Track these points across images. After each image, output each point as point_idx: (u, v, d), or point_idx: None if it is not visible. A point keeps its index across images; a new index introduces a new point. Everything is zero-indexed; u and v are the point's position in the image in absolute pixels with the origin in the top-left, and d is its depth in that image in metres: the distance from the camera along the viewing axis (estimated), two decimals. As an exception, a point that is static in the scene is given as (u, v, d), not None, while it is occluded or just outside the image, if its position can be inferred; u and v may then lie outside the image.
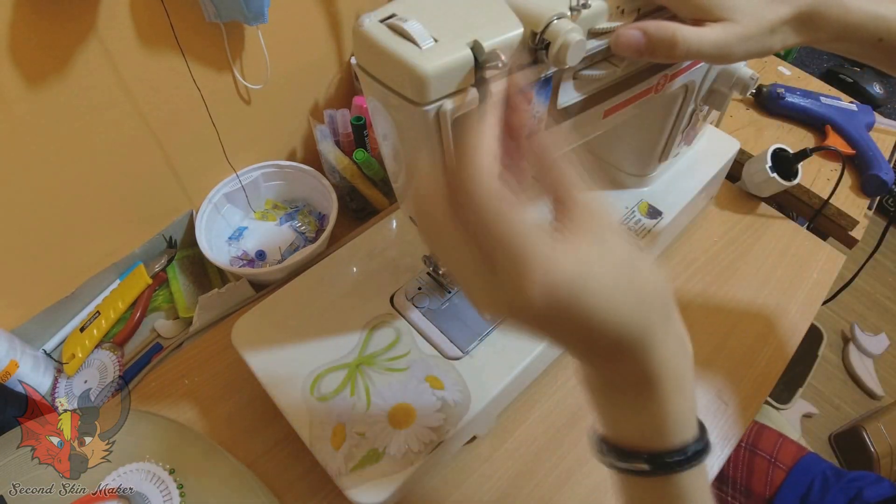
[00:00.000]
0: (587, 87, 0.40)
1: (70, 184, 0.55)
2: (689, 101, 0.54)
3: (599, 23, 0.36)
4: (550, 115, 0.39)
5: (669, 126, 0.56)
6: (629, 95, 0.45)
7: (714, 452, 0.54)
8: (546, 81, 0.37)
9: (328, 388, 0.47)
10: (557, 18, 0.32)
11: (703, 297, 0.65)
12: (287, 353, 0.49)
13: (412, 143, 0.36)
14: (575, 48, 0.32)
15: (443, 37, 0.31)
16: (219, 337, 0.60)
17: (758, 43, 0.36)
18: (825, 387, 1.48)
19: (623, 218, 0.61)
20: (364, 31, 0.32)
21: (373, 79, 0.34)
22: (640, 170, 0.62)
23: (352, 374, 0.48)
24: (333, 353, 0.49)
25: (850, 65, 0.96)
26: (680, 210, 0.62)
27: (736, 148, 0.68)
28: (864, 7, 0.37)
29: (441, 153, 0.34)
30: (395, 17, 0.32)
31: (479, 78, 0.32)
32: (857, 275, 0.75)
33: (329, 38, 0.71)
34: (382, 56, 0.31)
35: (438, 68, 0.30)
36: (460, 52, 0.31)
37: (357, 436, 0.44)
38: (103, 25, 0.49)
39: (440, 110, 0.32)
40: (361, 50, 0.34)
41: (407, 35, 0.30)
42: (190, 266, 0.69)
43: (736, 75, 0.53)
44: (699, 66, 0.50)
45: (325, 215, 0.73)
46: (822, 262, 0.70)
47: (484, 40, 0.31)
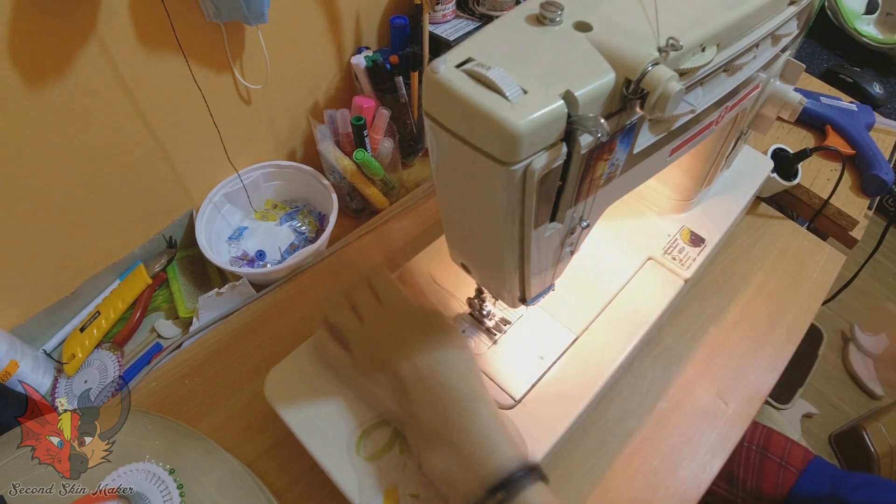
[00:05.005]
0: (661, 129, 0.37)
1: (70, 183, 0.55)
2: (739, 126, 0.53)
3: (684, 62, 0.33)
4: (626, 161, 0.36)
5: (717, 153, 0.55)
6: (695, 131, 0.43)
7: (714, 452, 0.54)
8: (630, 129, 0.33)
9: (375, 447, 0.44)
10: (653, 65, 0.29)
11: (703, 297, 0.65)
12: (326, 408, 0.46)
13: (488, 201, 0.33)
14: (675, 98, 0.28)
15: (530, 86, 0.27)
16: (219, 337, 0.60)
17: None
18: (825, 387, 1.48)
19: (666, 246, 0.59)
20: (440, 79, 0.28)
21: (447, 132, 0.30)
22: (684, 196, 0.61)
23: (399, 429, 0.45)
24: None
25: (850, 64, 0.96)
26: (722, 235, 0.61)
27: (770, 167, 0.67)
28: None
29: (521, 212, 0.31)
30: (474, 62, 0.28)
31: (569, 131, 0.29)
32: (857, 275, 0.75)
33: (329, 38, 0.71)
34: (463, 108, 0.28)
35: (531, 124, 0.26)
36: (552, 105, 0.27)
37: (411, 498, 0.42)
38: (103, 25, 0.49)
39: (528, 169, 0.28)
40: (435, 99, 0.30)
41: (491, 84, 0.27)
42: (190, 266, 0.69)
43: (785, 99, 0.52)
44: (753, 93, 0.49)
45: (325, 215, 0.73)
46: (822, 262, 0.70)
47: (576, 89, 0.28)
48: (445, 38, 0.75)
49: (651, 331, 0.55)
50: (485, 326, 0.53)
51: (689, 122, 0.40)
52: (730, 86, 0.41)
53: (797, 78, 0.54)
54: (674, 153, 0.43)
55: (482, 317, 0.52)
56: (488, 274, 0.43)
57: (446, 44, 0.74)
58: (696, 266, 0.58)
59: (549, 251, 0.38)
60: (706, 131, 0.45)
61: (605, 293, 0.56)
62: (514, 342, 0.52)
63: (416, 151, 0.80)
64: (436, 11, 0.75)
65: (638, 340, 0.53)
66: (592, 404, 0.51)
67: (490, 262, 0.41)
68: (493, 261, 0.40)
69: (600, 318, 0.54)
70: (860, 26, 1.01)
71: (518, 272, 0.39)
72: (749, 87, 0.46)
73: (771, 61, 0.46)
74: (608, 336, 0.53)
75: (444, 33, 0.75)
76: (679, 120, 0.37)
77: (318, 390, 0.48)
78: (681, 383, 0.58)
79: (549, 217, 0.34)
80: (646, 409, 0.56)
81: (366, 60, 0.70)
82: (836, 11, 1.02)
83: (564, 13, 0.31)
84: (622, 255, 0.59)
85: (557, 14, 0.31)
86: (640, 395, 0.57)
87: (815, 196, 0.75)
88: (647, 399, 0.57)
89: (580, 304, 0.54)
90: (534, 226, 0.33)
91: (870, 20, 1.02)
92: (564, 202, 0.34)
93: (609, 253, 0.59)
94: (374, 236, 0.69)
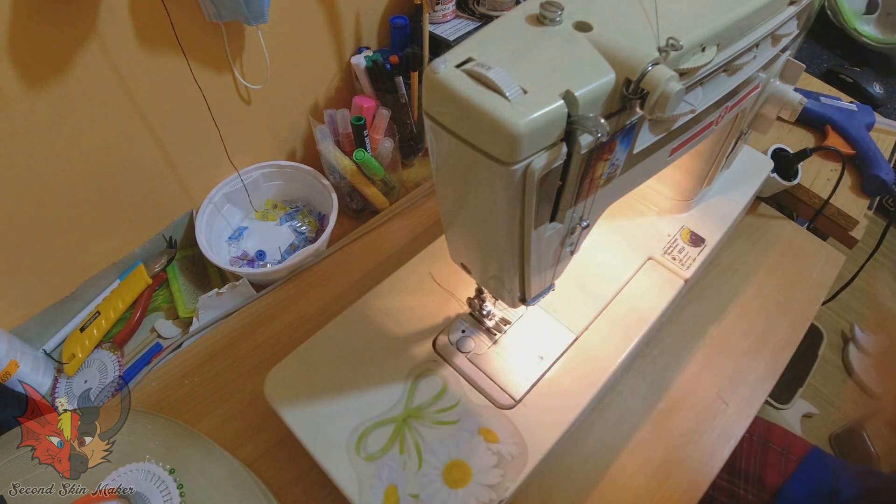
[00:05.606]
0: (661, 129, 0.37)
1: (70, 184, 0.55)
2: (739, 126, 0.53)
3: (684, 62, 0.33)
4: (626, 161, 0.36)
5: (717, 153, 0.55)
6: (695, 131, 0.42)
7: (714, 452, 0.54)
8: (630, 129, 0.33)
9: (375, 446, 0.44)
10: (653, 65, 0.28)
11: (703, 297, 0.65)
12: (327, 408, 0.46)
13: (488, 201, 0.33)
14: (675, 99, 0.28)
15: (530, 86, 0.27)
16: (219, 337, 0.60)
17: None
18: (825, 387, 1.47)
19: (666, 246, 0.59)
20: (440, 79, 0.28)
21: (447, 132, 0.30)
22: (684, 196, 0.61)
23: (399, 429, 0.45)
24: (377, 407, 0.46)
25: (850, 64, 0.96)
26: (721, 235, 0.61)
27: (770, 167, 0.67)
28: None
29: (521, 212, 0.31)
30: (474, 62, 0.28)
31: (569, 131, 0.28)
32: (857, 275, 0.75)
33: (329, 38, 0.71)
34: (463, 108, 0.28)
35: (531, 124, 0.26)
36: (552, 105, 0.27)
37: (411, 498, 0.42)
38: (103, 25, 0.49)
39: (528, 169, 0.28)
40: (435, 99, 0.30)
41: (492, 84, 0.27)
42: (190, 266, 0.69)
43: (785, 99, 0.52)
44: (753, 93, 0.49)
45: (325, 215, 0.73)
46: (822, 262, 0.70)
47: (576, 89, 0.27)
48: (445, 38, 0.75)
49: (651, 330, 0.55)
50: (485, 326, 0.53)
51: (689, 122, 0.40)
52: (730, 86, 0.41)
53: (797, 78, 0.54)
54: (674, 153, 0.43)
55: (482, 317, 0.52)
56: (488, 274, 0.43)
57: (446, 44, 0.74)
58: (696, 266, 0.58)
59: (549, 251, 0.38)
60: (706, 131, 0.45)
61: (605, 293, 0.56)
62: (514, 342, 0.52)
63: (416, 151, 0.80)
64: (436, 11, 0.75)
65: (638, 340, 0.53)
66: (592, 404, 0.51)
67: (490, 263, 0.41)
68: (492, 261, 0.40)
69: (600, 317, 0.54)
70: (860, 26, 1.01)
71: (518, 272, 0.39)
72: (749, 87, 0.46)
73: (771, 61, 0.46)
74: (608, 336, 0.53)
75: (444, 33, 0.75)
76: (679, 120, 0.37)
77: (317, 390, 0.47)
78: (681, 383, 0.58)
79: (549, 217, 0.34)
80: (646, 409, 0.56)
81: (366, 60, 0.70)
82: (836, 11, 1.02)
83: (564, 13, 0.31)
84: (622, 255, 0.59)
85: (557, 14, 0.31)
86: (640, 395, 0.57)
87: (815, 196, 0.75)
88: (647, 399, 0.57)
89: (580, 304, 0.54)
90: (534, 226, 0.33)
91: (870, 20, 1.02)
92: (564, 202, 0.34)
93: (609, 253, 0.59)
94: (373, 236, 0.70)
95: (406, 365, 0.49)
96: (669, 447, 0.54)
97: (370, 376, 0.49)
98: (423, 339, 0.52)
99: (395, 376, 0.49)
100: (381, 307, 0.53)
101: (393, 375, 0.49)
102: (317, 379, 0.48)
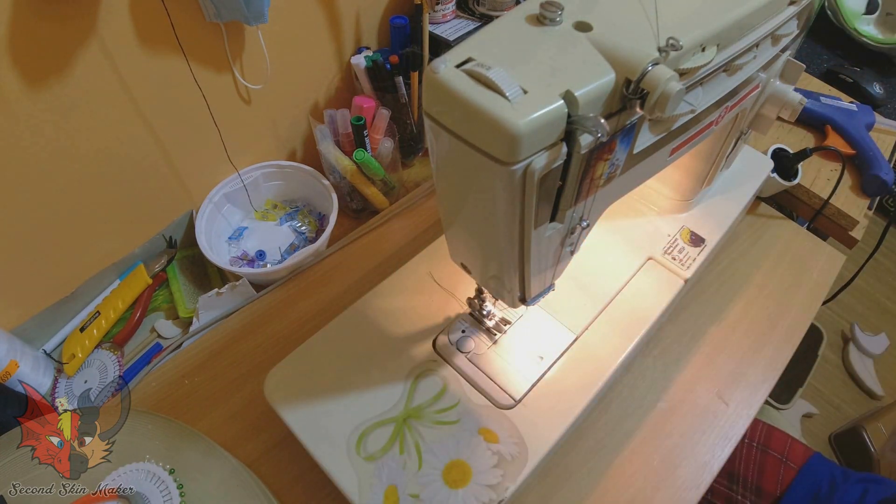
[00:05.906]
0: (661, 129, 0.37)
1: (70, 184, 0.55)
2: (739, 126, 0.53)
3: (684, 62, 0.33)
4: (626, 161, 0.36)
5: (717, 153, 0.55)
6: (695, 131, 0.42)
7: (714, 452, 0.54)
8: (630, 129, 0.33)
9: (375, 446, 0.44)
10: (653, 65, 0.29)
11: (703, 297, 0.65)
12: (326, 408, 0.46)
13: (488, 201, 0.33)
14: (675, 99, 0.28)
15: (530, 86, 0.27)
16: (219, 337, 0.60)
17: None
18: (825, 387, 1.47)
19: (666, 246, 0.59)
20: (440, 79, 0.28)
21: (447, 132, 0.30)
22: (684, 195, 0.61)
23: (399, 429, 0.45)
24: (377, 407, 0.46)
25: (850, 64, 0.96)
26: (721, 235, 0.61)
27: (770, 167, 0.67)
28: None
29: (521, 212, 0.31)
30: (474, 62, 0.28)
31: (569, 131, 0.28)
32: (857, 275, 0.75)
33: (329, 38, 0.71)
34: (463, 108, 0.28)
35: (531, 124, 0.26)
36: (552, 105, 0.27)
37: (411, 498, 0.42)
38: (103, 25, 0.49)
39: (528, 169, 0.28)
40: (435, 99, 0.30)
41: (491, 84, 0.27)
42: (190, 266, 0.69)
43: (785, 99, 0.52)
44: (753, 93, 0.49)
45: (325, 215, 0.73)
46: (822, 262, 0.70)
47: (576, 89, 0.27)
48: (445, 38, 0.75)
49: (651, 331, 0.55)
50: (485, 326, 0.53)
51: (689, 122, 0.40)
52: (730, 86, 0.41)
53: (797, 78, 0.54)
54: (674, 153, 0.43)
55: (482, 317, 0.52)
56: (488, 274, 0.43)
57: (446, 44, 0.74)
58: (696, 266, 0.58)
59: (549, 251, 0.38)
60: (706, 131, 0.45)
61: (605, 293, 0.56)
62: (514, 342, 0.52)
63: (416, 151, 0.80)
64: (436, 11, 0.75)
65: (637, 340, 0.53)
66: (592, 404, 0.51)
67: (490, 263, 0.41)
68: (492, 261, 0.40)
69: (600, 317, 0.54)
70: (860, 26, 1.01)
71: (518, 272, 0.39)
72: (749, 87, 0.46)
73: (771, 61, 0.46)
74: (608, 336, 0.53)
75: (444, 33, 0.75)
76: (679, 120, 0.37)
77: (317, 390, 0.47)
78: (681, 383, 0.58)
79: (549, 217, 0.34)
80: (646, 409, 0.56)
81: (366, 60, 0.70)
82: (836, 11, 1.02)
83: (564, 13, 0.31)
84: (622, 255, 0.59)
85: (557, 14, 0.31)
86: (640, 395, 0.57)
87: (815, 196, 0.75)
88: (647, 399, 0.57)
89: (580, 304, 0.54)
90: (534, 226, 0.33)
91: (870, 20, 1.02)
92: (564, 202, 0.34)
93: (609, 253, 0.59)
94: (373, 236, 0.70)
95: (406, 365, 0.49)
96: (669, 447, 0.54)
97: (370, 376, 0.49)
98: (423, 339, 0.52)
99: (395, 376, 0.49)
100: (381, 307, 0.53)
101: (393, 375, 0.49)
102: (317, 379, 0.48)
